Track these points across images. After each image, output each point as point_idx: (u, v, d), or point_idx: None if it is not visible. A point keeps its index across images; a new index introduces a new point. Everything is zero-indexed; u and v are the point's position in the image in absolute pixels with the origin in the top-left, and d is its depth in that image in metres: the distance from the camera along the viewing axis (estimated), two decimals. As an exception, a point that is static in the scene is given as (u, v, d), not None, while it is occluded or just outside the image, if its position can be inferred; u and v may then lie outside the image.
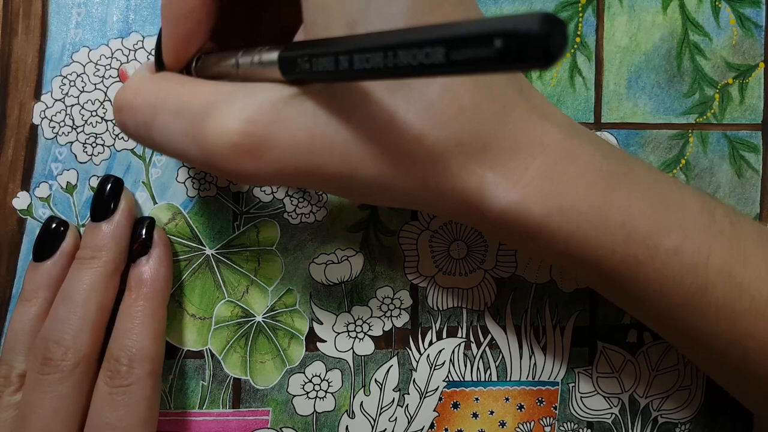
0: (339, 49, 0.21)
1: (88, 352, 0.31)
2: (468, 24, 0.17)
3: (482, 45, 0.17)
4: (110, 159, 0.34)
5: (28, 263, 0.33)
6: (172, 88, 0.26)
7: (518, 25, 0.16)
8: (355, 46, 0.20)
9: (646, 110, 0.37)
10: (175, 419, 0.35)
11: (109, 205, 0.32)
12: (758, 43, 0.37)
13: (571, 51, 0.36)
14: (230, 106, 0.24)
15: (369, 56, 0.20)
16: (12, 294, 0.34)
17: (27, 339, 0.32)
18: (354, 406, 0.37)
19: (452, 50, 0.18)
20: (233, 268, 0.35)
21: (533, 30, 0.16)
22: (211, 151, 0.24)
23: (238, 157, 0.24)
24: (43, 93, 0.34)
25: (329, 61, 0.21)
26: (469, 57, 0.17)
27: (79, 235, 0.33)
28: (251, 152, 0.24)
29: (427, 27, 0.18)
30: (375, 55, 0.20)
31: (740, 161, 0.38)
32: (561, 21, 0.16)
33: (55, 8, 0.33)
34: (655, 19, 0.37)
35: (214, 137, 0.24)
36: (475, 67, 0.17)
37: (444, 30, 0.18)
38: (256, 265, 0.35)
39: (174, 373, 0.35)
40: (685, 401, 0.38)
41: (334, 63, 0.21)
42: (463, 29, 0.17)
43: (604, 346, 0.38)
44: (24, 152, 0.34)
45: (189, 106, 0.25)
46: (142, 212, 0.34)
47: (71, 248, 0.33)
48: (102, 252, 0.32)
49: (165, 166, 0.34)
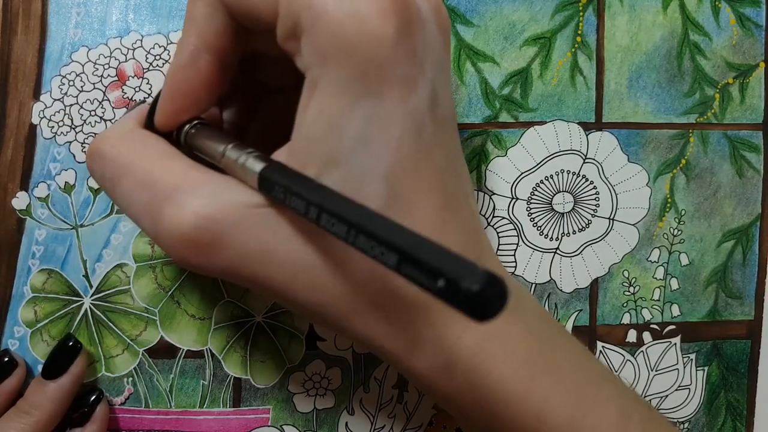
0: (312, 200, 0.21)
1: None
2: (426, 248, 0.18)
3: (428, 275, 0.18)
4: (110, 159, 0.34)
5: (27, 263, 0.33)
6: (148, 156, 0.26)
7: (462, 275, 0.17)
8: (326, 206, 0.21)
9: (647, 110, 0.37)
10: (176, 418, 0.35)
11: (60, 366, 0.33)
12: (758, 43, 0.37)
13: (572, 50, 0.36)
14: (193, 197, 0.24)
15: (335, 222, 0.21)
16: (11, 294, 0.34)
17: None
18: (353, 403, 0.37)
19: (403, 263, 0.19)
20: (233, 268, 0.35)
21: (472, 288, 0.17)
22: (162, 234, 0.25)
23: (184, 249, 0.24)
24: (43, 93, 0.33)
25: (301, 205, 0.22)
26: (415, 277, 0.18)
27: (25, 376, 0.34)
28: (199, 248, 0.24)
29: (392, 226, 0.20)
30: (340, 226, 0.20)
31: (741, 161, 0.38)
32: (502, 285, 0.17)
33: (55, 8, 0.33)
34: (655, 18, 0.37)
35: (168, 223, 0.24)
36: (419, 286, 0.18)
37: (403, 240, 0.19)
38: (256, 264, 0.35)
39: (174, 372, 0.35)
40: (684, 401, 0.39)
41: (304, 209, 0.22)
42: (419, 251, 0.18)
43: (604, 346, 0.38)
44: (23, 152, 0.34)
45: (156, 181, 0.25)
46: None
47: (13, 388, 0.33)
48: (36, 411, 0.32)
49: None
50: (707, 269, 0.38)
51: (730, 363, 0.39)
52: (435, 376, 0.26)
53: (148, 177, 0.25)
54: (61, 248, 0.34)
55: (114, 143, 0.27)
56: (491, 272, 0.17)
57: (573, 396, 0.27)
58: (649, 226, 0.38)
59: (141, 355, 0.35)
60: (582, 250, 0.37)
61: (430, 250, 0.18)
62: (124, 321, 0.35)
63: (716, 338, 0.39)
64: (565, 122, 0.37)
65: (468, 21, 0.36)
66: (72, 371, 0.33)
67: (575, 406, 0.27)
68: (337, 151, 0.23)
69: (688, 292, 0.38)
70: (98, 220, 0.34)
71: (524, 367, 0.26)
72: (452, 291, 0.17)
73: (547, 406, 0.26)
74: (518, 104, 0.36)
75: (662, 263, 0.38)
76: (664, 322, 0.38)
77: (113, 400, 0.35)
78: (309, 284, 0.25)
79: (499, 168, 0.36)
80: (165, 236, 0.24)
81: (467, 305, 0.17)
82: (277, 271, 0.25)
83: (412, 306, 0.25)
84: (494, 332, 0.26)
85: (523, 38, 0.36)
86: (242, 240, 0.24)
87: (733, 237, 0.38)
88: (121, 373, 0.35)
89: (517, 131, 0.36)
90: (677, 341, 0.38)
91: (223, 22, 0.26)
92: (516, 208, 0.37)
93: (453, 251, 0.18)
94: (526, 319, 0.27)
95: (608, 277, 0.38)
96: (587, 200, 0.37)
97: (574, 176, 0.37)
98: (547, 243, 0.37)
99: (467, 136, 0.36)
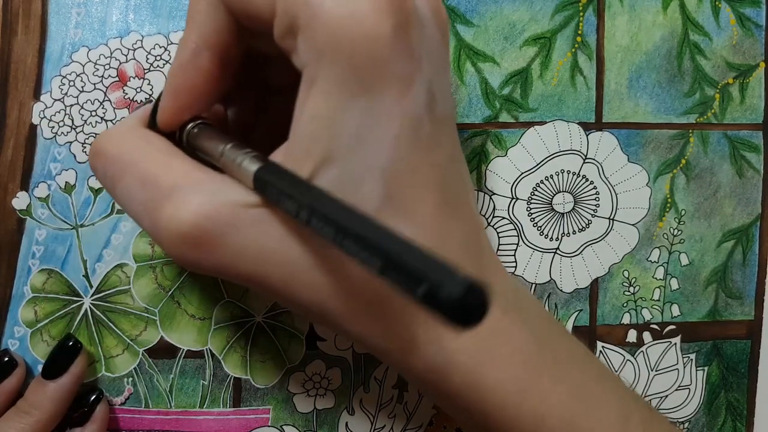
0: (302, 201, 0.22)
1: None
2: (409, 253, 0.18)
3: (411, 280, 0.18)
4: (110, 159, 0.34)
5: (27, 263, 0.33)
6: (149, 154, 0.26)
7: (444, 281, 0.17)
8: (316, 208, 0.21)
9: (647, 110, 0.37)
10: (176, 418, 0.35)
11: (60, 366, 0.33)
12: (758, 43, 0.37)
13: (572, 50, 0.36)
14: (192, 196, 0.24)
15: (323, 225, 0.21)
16: (11, 294, 0.34)
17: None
18: (353, 403, 0.37)
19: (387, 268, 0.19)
20: (233, 268, 0.35)
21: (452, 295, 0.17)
22: (161, 231, 0.25)
23: (182, 246, 0.24)
24: (43, 93, 0.33)
25: (292, 207, 0.22)
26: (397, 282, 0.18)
27: (25, 376, 0.34)
28: (197, 246, 0.24)
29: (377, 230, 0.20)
30: (328, 228, 0.21)
31: (741, 161, 0.38)
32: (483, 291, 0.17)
33: (55, 8, 0.33)
34: (655, 18, 0.37)
35: (166, 220, 0.24)
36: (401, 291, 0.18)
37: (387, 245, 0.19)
38: (256, 264, 0.35)
39: (174, 372, 0.35)
40: (684, 401, 0.39)
41: (295, 211, 0.22)
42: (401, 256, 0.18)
43: (604, 346, 0.38)
44: (23, 152, 0.34)
45: (156, 180, 0.25)
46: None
47: (12, 387, 0.33)
48: (36, 411, 0.32)
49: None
50: (707, 269, 0.38)
51: (730, 363, 0.39)
52: (432, 377, 0.26)
53: (148, 175, 0.26)
54: (62, 248, 0.34)
55: (116, 142, 0.27)
56: (473, 278, 0.17)
57: (572, 396, 0.27)
58: (649, 226, 0.38)
59: (141, 355, 0.35)
60: (582, 250, 0.37)
61: (413, 255, 0.18)
62: (124, 321, 0.35)
63: (716, 338, 0.39)
64: (565, 122, 0.37)
65: (468, 21, 0.36)
66: (72, 371, 0.33)
67: (574, 407, 0.27)
68: (334, 149, 0.23)
69: (688, 292, 0.38)
70: (98, 220, 0.34)
71: (523, 368, 0.26)
72: (433, 297, 0.17)
73: (545, 406, 0.26)
74: (518, 104, 0.36)
75: (662, 263, 0.38)
76: (664, 322, 0.38)
77: (113, 400, 0.35)
78: (305, 284, 0.25)
79: (499, 168, 0.36)
80: (163, 234, 0.25)
81: (448, 312, 0.17)
82: (273, 271, 0.25)
83: (408, 306, 0.25)
84: (492, 333, 0.26)
85: (523, 38, 0.36)
86: (239, 239, 0.24)
87: (733, 237, 0.38)
88: (121, 373, 0.35)
89: (517, 131, 0.36)
90: (677, 341, 0.38)
91: (224, 20, 0.26)
92: (516, 208, 0.37)
93: (436, 256, 0.18)
94: (526, 319, 0.27)
95: (608, 277, 0.38)
96: (587, 200, 0.37)
97: (574, 176, 0.37)
98: (547, 243, 0.37)
99: (467, 136, 0.36)
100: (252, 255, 0.24)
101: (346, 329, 0.26)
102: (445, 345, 0.26)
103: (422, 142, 0.24)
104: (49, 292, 0.34)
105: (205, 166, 0.26)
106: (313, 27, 0.23)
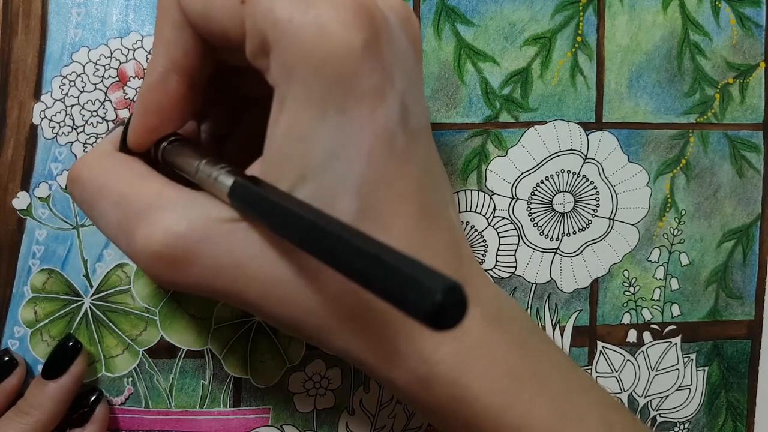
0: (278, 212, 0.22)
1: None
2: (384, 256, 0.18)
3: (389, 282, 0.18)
4: (110, 159, 0.34)
5: (28, 263, 0.33)
6: (122, 177, 0.27)
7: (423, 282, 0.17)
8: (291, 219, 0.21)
9: (647, 110, 0.37)
10: (176, 418, 0.36)
11: (60, 366, 0.33)
12: (758, 43, 0.37)
13: (573, 50, 0.36)
14: (164, 215, 0.24)
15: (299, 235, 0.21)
16: (12, 294, 0.34)
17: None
18: (354, 403, 0.37)
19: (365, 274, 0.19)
20: (233, 268, 0.35)
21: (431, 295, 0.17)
22: (136, 252, 0.25)
23: (157, 266, 0.25)
24: (43, 93, 0.33)
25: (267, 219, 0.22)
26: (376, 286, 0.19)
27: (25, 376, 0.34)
28: (171, 265, 0.24)
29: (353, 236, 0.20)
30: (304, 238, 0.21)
31: (741, 161, 0.38)
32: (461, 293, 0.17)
33: (55, 8, 0.33)
34: (655, 18, 0.37)
35: (140, 241, 0.24)
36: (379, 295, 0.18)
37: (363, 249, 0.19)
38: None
39: (174, 372, 0.35)
40: (685, 401, 0.39)
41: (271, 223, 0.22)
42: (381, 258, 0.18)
43: (604, 346, 0.38)
44: (24, 152, 0.34)
45: (130, 201, 0.25)
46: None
47: (12, 387, 0.33)
48: (36, 411, 0.32)
49: (165, 166, 0.34)
50: (707, 269, 0.38)
51: (731, 363, 0.39)
52: (414, 389, 0.26)
53: (122, 198, 0.26)
54: (62, 248, 0.34)
55: (90, 167, 0.28)
56: (450, 279, 0.17)
57: (555, 407, 0.27)
58: (650, 226, 0.38)
59: (141, 355, 0.35)
60: (582, 250, 0.37)
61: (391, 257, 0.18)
62: (124, 321, 0.35)
63: (716, 338, 0.39)
64: (566, 122, 0.37)
65: (468, 21, 0.36)
66: (72, 371, 0.33)
67: (557, 418, 0.26)
68: (307, 166, 0.23)
69: (688, 292, 0.38)
70: (99, 220, 0.34)
71: (505, 379, 0.26)
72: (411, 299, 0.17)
73: (528, 418, 0.26)
74: (518, 104, 0.36)
75: (662, 263, 0.38)
76: (665, 322, 0.38)
77: (113, 401, 0.35)
78: (282, 298, 0.25)
79: (500, 168, 0.36)
80: (138, 254, 0.25)
81: (425, 314, 0.17)
82: (249, 285, 0.25)
83: (388, 318, 0.25)
84: (474, 344, 0.26)
85: (523, 38, 0.36)
86: (214, 254, 0.24)
87: (734, 237, 0.38)
88: (121, 373, 0.35)
89: (517, 131, 0.36)
90: (677, 341, 0.38)
91: (191, 42, 0.26)
92: (516, 208, 0.37)
93: (413, 259, 0.18)
94: (508, 330, 0.27)
95: (608, 277, 0.38)
96: (587, 200, 0.37)
97: (575, 176, 0.37)
98: (547, 243, 0.37)
99: (467, 136, 0.36)
100: (228, 269, 0.24)
101: (326, 343, 0.26)
102: (426, 357, 0.25)
103: (397, 156, 0.24)
104: (49, 292, 0.34)
105: (179, 184, 0.26)
106: (282, 46, 0.23)
